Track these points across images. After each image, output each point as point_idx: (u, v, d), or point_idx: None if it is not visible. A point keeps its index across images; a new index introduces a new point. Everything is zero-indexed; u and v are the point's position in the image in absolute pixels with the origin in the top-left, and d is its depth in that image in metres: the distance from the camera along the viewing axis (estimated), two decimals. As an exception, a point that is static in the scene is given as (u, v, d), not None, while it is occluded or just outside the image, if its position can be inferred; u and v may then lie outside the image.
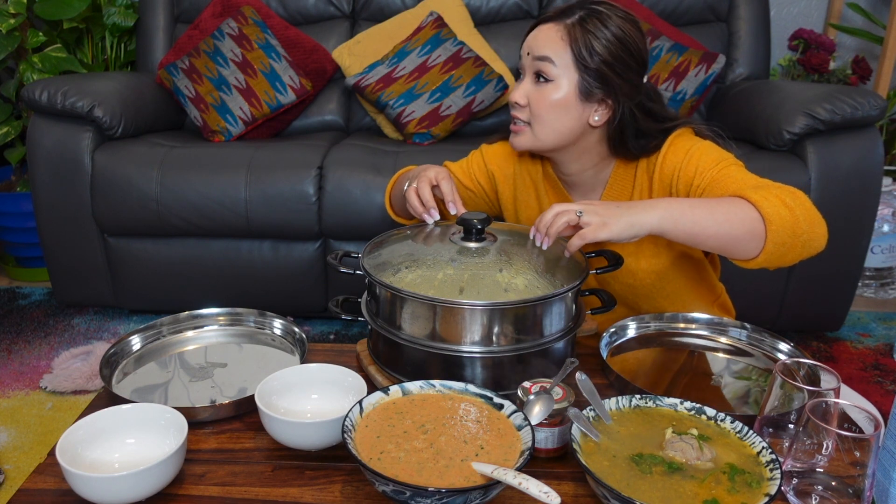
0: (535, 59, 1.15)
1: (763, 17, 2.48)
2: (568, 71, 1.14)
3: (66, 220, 2.15)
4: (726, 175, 1.11)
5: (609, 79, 1.13)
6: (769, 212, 1.02)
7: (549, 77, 1.15)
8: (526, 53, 1.18)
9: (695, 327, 1.18)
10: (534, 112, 1.17)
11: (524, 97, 1.18)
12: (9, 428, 1.73)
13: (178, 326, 1.17)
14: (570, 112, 1.16)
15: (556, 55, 1.14)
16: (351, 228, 2.05)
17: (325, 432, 0.85)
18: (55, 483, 0.83)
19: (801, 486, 0.79)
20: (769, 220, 1.02)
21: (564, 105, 1.15)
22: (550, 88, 1.15)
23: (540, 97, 1.16)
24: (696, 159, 1.15)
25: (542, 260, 1.02)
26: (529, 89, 1.17)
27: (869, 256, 2.45)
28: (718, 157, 1.14)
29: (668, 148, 1.19)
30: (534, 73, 1.16)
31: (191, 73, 2.40)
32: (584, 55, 1.13)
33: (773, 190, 1.06)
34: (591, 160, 1.23)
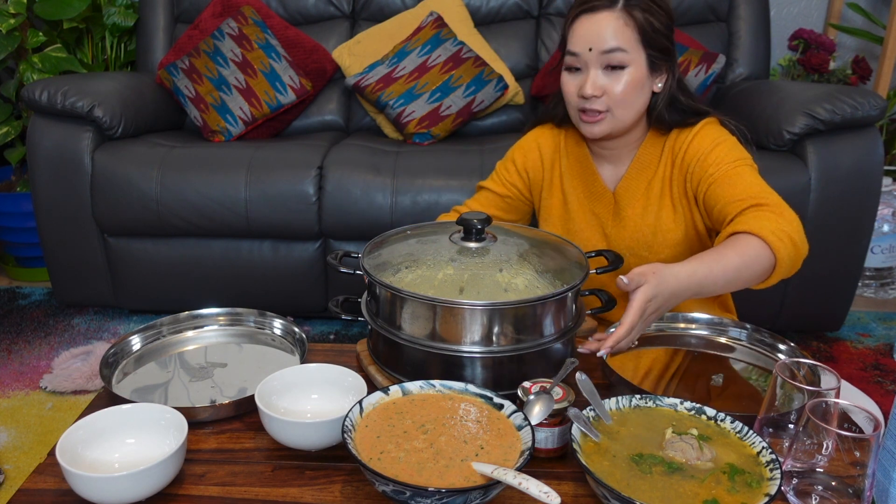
0: (604, 52, 1.17)
1: (763, 17, 2.48)
2: (637, 53, 1.19)
3: (66, 220, 2.15)
4: (739, 174, 1.17)
5: (667, 47, 1.21)
6: (782, 256, 1.08)
7: (623, 64, 1.18)
8: (587, 49, 1.19)
9: (695, 327, 1.18)
10: (614, 100, 1.20)
11: (599, 89, 1.20)
12: (9, 428, 1.73)
13: (178, 326, 1.17)
14: (644, 89, 1.22)
15: (625, 43, 1.17)
16: (351, 228, 2.05)
17: (325, 432, 0.85)
18: (55, 483, 0.83)
19: (801, 486, 0.79)
20: (781, 263, 1.08)
21: (640, 84, 1.20)
22: (626, 74, 1.19)
23: (617, 84, 1.19)
24: (719, 151, 1.20)
25: (543, 260, 1.02)
26: (602, 80, 1.19)
27: (869, 256, 2.45)
28: (738, 156, 1.20)
29: (699, 131, 1.24)
30: (603, 65, 1.19)
31: (191, 73, 2.40)
32: (649, 34, 1.19)
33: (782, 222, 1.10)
34: (636, 133, 1.29)
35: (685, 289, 1.03)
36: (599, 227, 1.34)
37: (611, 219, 1.32)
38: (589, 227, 1.34)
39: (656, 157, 1.29)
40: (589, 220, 1.34)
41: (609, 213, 1.32)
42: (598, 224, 1.34)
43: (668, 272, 1.02)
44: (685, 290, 1.03)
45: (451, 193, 2.00)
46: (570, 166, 1.36)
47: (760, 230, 1.08)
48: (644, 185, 1.29)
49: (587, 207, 1.34)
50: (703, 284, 1.05)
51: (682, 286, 1.03)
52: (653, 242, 1.28)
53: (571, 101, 1.25)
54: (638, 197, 1.30)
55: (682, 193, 1.26)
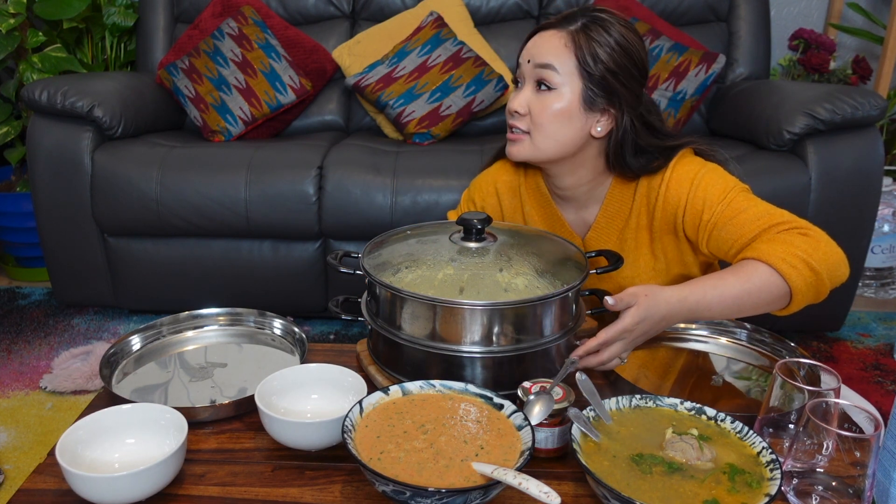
0: (537, 66, 1.13)
1: (763, 17, 2.48)
2: (571, 79, 1.11)
3: (66, 220, 2.15)
4: (737, 209, 1.09)
5: (612, 87, 1.11)
6: (797, 283, 1.02)
7: (552, 85, 1.12)
8: (526, 61, 1.15)
9: (695, 327, 1.18)
10: (535, 121, 1.14)
11: (524, 105, 1.14)
12: (9, 428, 1.73)
13: (178, 326, 1.17)
14: (572, 122, 1.13)
15: (559, 62, 1.11)
16: (351, 228, 2.05)
17: (325, 432, 0.85)
18: (55, 483, 0.83)
19: (801, 486, 0.79)
20: (796, 291, 1.03)
21: (567, 114, 1.12)
22: (553, 97, 1.12)
23: (541, 106, 1.13)
24: (703, 191, 1.11)
25: (543, 260, 1.02)
26: (530, 97, 1.14)
27: (869, 256, 2.44)
28: (724, 187, 1.11)
29: (672, 174, 1.15)
30: (535, 81, 1.14)
31: (191, 73, 2.40)
32: (588, 62, 1.10)
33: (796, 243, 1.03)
34: (588, 174, 1.20)
35: (676, 313, 1.01)
36: None
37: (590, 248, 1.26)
38: None
39: (626, 206, 1.21)
40: None
41: None
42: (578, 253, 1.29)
43: (660, 296, 1.00)
44: (676, 315, 1.02)
45: (451, 193, 2.00)
46: (534, 209, 1.30)
47: (769, 256, 1.03)
48: (616, 234, 1.23)
49: None
50: (696, 310, 1.02)
51: (673, 310, 1.01)
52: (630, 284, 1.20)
53: (507, 115, 1.20)
54: (611, 247, 1.23)
55: (668, 240, 1.19)
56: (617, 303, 0.98)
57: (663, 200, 1.16)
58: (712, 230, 1.11)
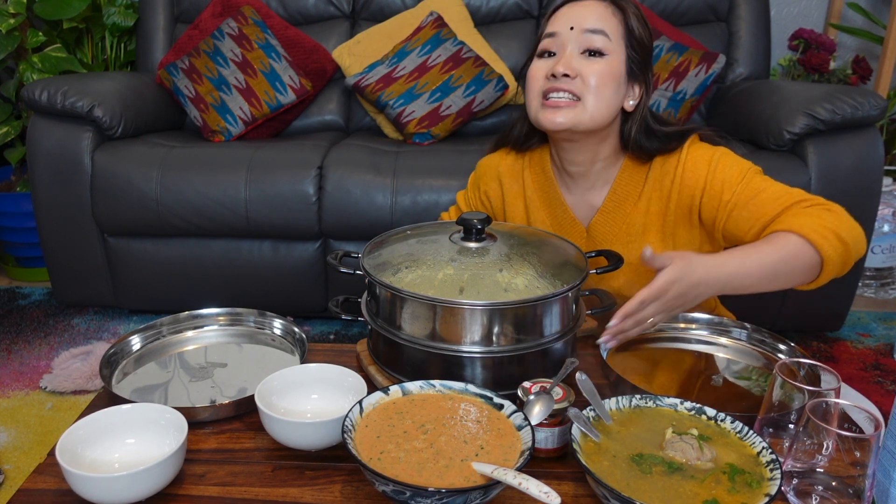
0: (587, 31, 1.11)
1: (763, 17, 2.48)
2: (619, 46, 1.13)
3: (66, 220, 2.15)
4: (756, 189, 1.10)
5: (647, 61, 1.15)
6: (829, 254, 1.02)
7: (605, 51, 1.12)
8: (568, 28, 1.12)
9: (695, 327, 1.18)
10: (588, 84, 1.11)
11: (573, 69, 1.10)
12: (9, 428, 1.73)
13: (178, 326, 1.17)
14: (619, 89, 1.14)
15: (609, 29, 1.12)
16: (351, 228, 2.05)
17: (325, 432, 0.85)
18: (55, 483, 0.83)
19: (801, 486, 0.79)
20: (828, 261, 1.03)
21: (617, 79, 1.13)
22: (605, 62, 1.12)
23: (594, 69, 1.11)
24: (721, 172, 1.12)
25: (542, 260, 1.02)
26: (579, 62, 1.11)
27: (869, 256, 2.45)
28: (741, 168, 1.13)
29: (687, 157, 1.15)
30: (582, 47, 1.12)
31: (191, 73, 2.40)
32: (633, 32, 1.14)
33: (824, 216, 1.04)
34: (605, 151, 1.20)
35: (714, 280, 0.99)
36: None
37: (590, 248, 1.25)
38: None
39: (637, 188, 1.20)
40: None
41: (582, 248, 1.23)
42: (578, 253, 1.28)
43: (696, 260, 0.99)
44: (714, 282, 0.99)
45: (451, 193, 2.00)
46: (537, 194, 1.29)
47: (801, 228, 1.02)
48: (621, 220, 1.22)
49: None
50: (735, 276, 1.00)
51: (711, 276, 0.99)
52: (636, 281, 1.22)
53: (535, 87, 1.14)
54: (617, 234, 1.23)
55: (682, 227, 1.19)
56: (654, 257, 0.97)
57: (680, 183, 1.16)
58: (732, 210, 1.11)
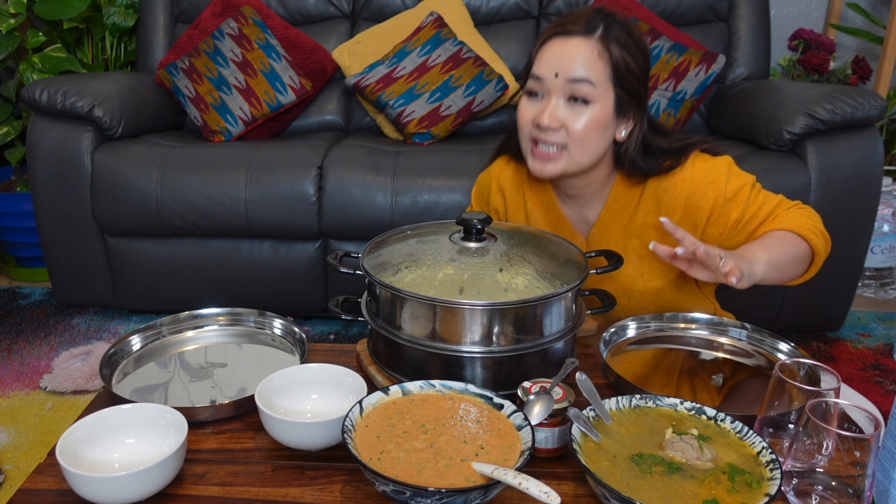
0: (570, 81, 1.09)
1: (763, 17, 2.48)
2: (606, 91, 1.10)
3: (66, 220, 2.15)
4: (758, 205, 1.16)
5: (640, 93, 1.12)
6: (820, 248, 1.14)
7: (589, 99, 1.09)
8: (553, 74, 1.10)
9: (695, 327, 1.18)
10: (572, 136, 1.11)
11: (557, 120, 1.10)
12: (9, 428, 1.73)
13: (178, 326, 1.17)
14: (607, 132, 1.13)
15: (594, 75, 1.08)
16: (351, 228, 2.05)
17: (325, 432, 0.85)
18: (55, 483, 0.83)
19: (801, 486, 0.79)
20: (818, 255, 1.15)
21: (604, 125, 1.11)
22: (590, 110, 1.10)
23: (578, 119, 1.10)
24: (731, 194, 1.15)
25: (542, 260, 1.02)
26: (562, 112, 1.11)
27: (869, 256, 2.45)
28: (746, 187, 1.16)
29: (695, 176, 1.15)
30: (567, 95, 1.10)
31: (191, 73, 2.40)
32: (622, 73, 1.09)
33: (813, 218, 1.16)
34: (600, 175, 1.20)
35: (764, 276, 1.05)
36: None
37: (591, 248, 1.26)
38: None
39: (631, 204, 1.20)
40: None
41: None
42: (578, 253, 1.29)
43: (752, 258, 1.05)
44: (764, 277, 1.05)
45: (451, 193, 2.00)
46: (537, 206, 1.29)
47: (799, 228, 1.11)
48: (619, 232, 1.23)
49: None
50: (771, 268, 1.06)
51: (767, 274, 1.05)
52: (632, 290, 1.23)
53: (525, 129, 1.16)
54: (614, 245, 1.23)
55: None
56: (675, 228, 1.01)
57: (685, 203, 1.17)
58: (737, 227, 1.17)
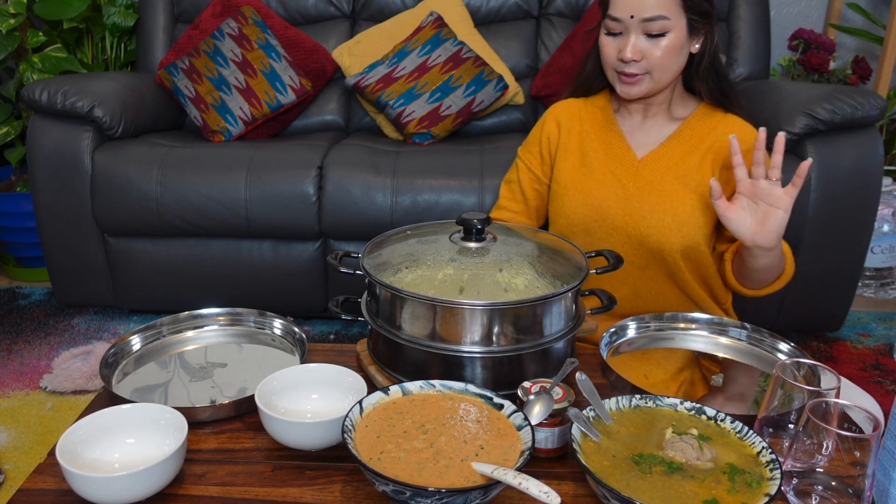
0: (645, 20, 1.20)
1: (763, 17, 2.48)
2: (678, 19, 1.21)
3: (66, 220, 2.15)
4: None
5: (708, 10, 1.24)
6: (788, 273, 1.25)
7: (665, 30, 1.21)
8: (629, 16, 1.21)
9: (695, 327, 1.18)
10: (653, 64, 1.23)
11: (639, 53, 1.23)
12: (9, 428, 1.73)
13: (178, 326, 1.17)
14: (683, 52, 1.26)
15: (667, 10, 1.20)
16: (351, 228, 2.06)
17: (325, 432, 0.85)
18: (55, 483, 0.83)
19: (801, 486, 0.79)
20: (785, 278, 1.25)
21: (679, 49, 1.24)
22: (667, 40, 1.22)
23: (657, 49, 1.22)
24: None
25: (543, 260, 1.02)
26: (642, 45, 1.22)
27: (869, 256, 2.44)
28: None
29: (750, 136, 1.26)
30: (644, 31, 1.22)
31: (191, 73, 2.40)
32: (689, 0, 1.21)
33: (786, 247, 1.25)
34: (669, 91, 1.31)
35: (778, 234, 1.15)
36: (620, 189, 1.32)
37: (633, 182, 1.32)
38: (608, 189, 1.33)
39: (700, 136, 1.31)
40: (609, 181, 1.33)
41: (631, 178, 1.32)
42: (619, 186, 1.32)
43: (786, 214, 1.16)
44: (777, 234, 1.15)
45: (451, 193, 2.00)
46: (593, 129, 1.38)
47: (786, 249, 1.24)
48: (678, 160, 1.31)
49: (608, 168, 1.34)
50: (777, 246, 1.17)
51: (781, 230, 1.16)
52: (680, 212, 1.27)
53: (610, 63, 1.28)
54: (672, 168, 1.31)
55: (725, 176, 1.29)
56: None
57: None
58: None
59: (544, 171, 1.43)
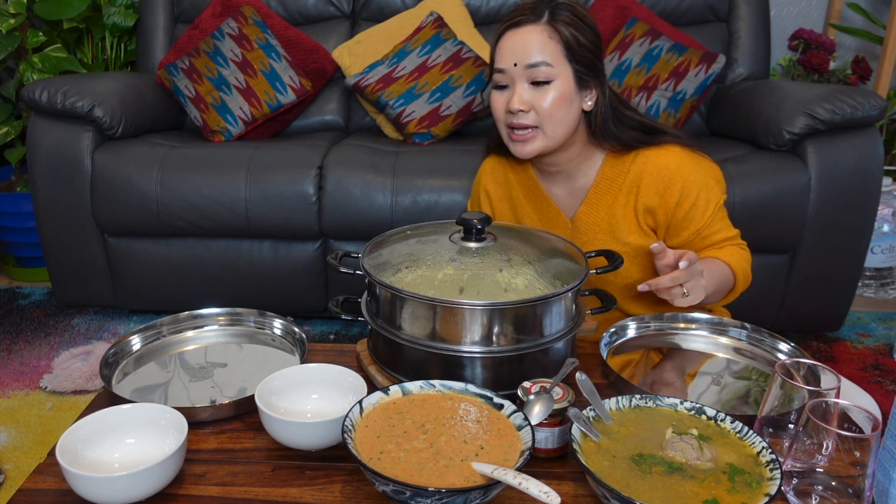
0: (529, 67, 1.18)
1: (763, 17, 2.48)
2: (563, 68, 1.18)
3: (66, 220, 2.15)
4: (711, 232, 1.26)
5: (595, 63, 1.21)
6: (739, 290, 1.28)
7: (549, 78, 1.18)
8: (512, 64, 1.19)
9: (695, 327, 1.18)
10: (542, 115, 1.20)
11: (525, 103, 1.19)
12: (9, 428, 1.73)
13: (178, 326, 1.17)
14: (572, 104, 1.21)
15: (550, 56, 1.17)
16: (351, 228, 2.05)
17: (325, 432, 0.85)
18: (55, 483, 0.83)
19: (801, 486, 0.79)
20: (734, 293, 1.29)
21: (568, 99, 1.20)
22: (552, 88, 1.18)
23: (544, 99, 1.19)
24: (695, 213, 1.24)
25: (543, 260, 1.02)
26: (528, 95, 1.19)
27: (869, 256, 2.44)
28: (711, 211, 1.25)
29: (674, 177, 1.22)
30: (528, 80, 1.19)
31: (191, 73, 2.40)
32: (574, 49, 1.18)
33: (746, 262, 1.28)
34: (575, 150, 1.28)
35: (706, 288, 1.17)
36: None
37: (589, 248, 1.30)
38: None
39: (618, 182, 1.27)
40: None
41: (569, 238, 1.30)
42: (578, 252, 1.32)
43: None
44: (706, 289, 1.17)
45: (451, 193, 2.00)
46: (522, 194, 1.37)
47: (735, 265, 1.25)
48: (605, 211, 1.29)
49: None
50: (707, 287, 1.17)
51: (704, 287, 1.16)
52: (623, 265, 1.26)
53: (500, 118, 1.24)
54: (600, 224, 1.29)
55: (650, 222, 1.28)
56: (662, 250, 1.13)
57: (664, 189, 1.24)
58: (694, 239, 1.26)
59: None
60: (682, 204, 1.23)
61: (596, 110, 1.24)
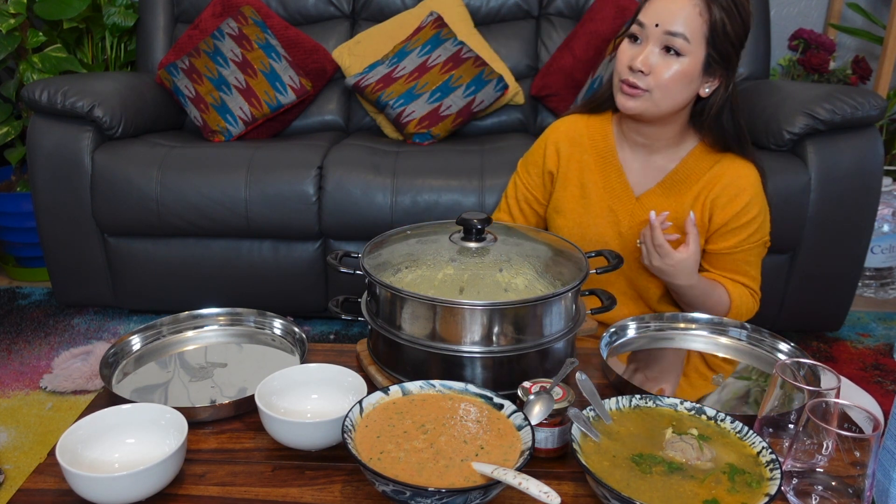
0: (668, 33, 1.17)
1: (763, 17, 2.48)
2: (698, 47, 1.18)
3: (66, 220, 2.15)
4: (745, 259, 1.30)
5: (730, 55, 1.19)
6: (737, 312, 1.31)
7: (681, 52, 1.18)
8: (653, 24, 1.18)
9: (695, 327, 1.18)
10: (659, 82, 1.19)
11: (648, 66, 1.19)
12: (9, 428, 1.73)
13: (178, 326, 1.17)
14: (691, 84, 1.21)
15: (691, 32, 1.16)
16: (351, 228, 2.05)
17: (325, 432, 0.85)
18: (55, 483, 0.83)
19: (801, 486, 0.79)
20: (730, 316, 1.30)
21: (689, 78, 1.19)
22: (679, 62, 1.18)
23: (667, 69, 1.18)
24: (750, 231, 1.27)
25: (542, 260, 1.02)
26: (654, 59, 1.19)
27: (869, 256, 2.44)
28: (760, 239, 1.29)
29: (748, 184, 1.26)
30: (662, 45, 1.18)
31: (191, 73, 2.40)
32: (717, 33, 1.17)
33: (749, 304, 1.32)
34: (673, 128, 1.28)
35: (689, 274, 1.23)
36: (615, 224, 1.33)
37: (628, 219, 1.32)
38: (604, 224, 1.33)
39: (696, 176, 1.28)
40: (606, 216, 1.33)
41: (628, 215, 1.32)
42: (615, 222, 1.33)
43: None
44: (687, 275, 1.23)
45: (451, 193, 2.00)
46: (594, 160, 1.35)
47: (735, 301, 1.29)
48: (674, 200, 1.29)
49: (605, 203, 1.33)
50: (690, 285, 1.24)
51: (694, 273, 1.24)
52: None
53: (619, 69, 1.24)
54: (663, 209, 1.29)
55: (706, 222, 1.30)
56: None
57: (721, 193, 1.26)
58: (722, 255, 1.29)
59: (544, 194, 1.43)
60: (741, 216, 1.25)
61: (712, 100, 1.23)
